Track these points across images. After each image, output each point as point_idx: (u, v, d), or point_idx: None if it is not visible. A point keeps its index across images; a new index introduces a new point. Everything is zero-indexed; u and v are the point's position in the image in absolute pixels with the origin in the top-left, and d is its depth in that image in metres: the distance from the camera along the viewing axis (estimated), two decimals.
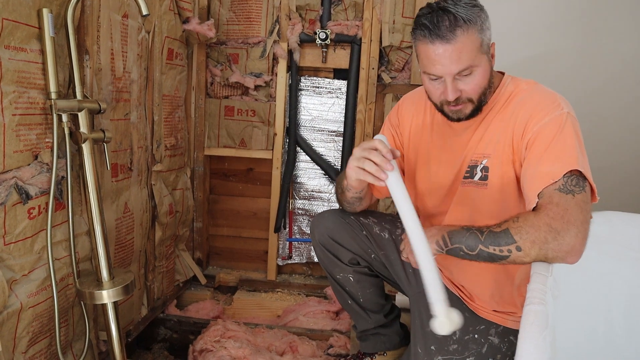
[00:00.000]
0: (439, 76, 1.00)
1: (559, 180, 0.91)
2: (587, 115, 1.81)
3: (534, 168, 0.95)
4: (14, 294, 1.02)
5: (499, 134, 1.05)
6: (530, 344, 0.69)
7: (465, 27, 0.96)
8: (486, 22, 1.00)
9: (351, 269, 1.35)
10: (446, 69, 0.98)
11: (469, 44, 0.96)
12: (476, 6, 0.99)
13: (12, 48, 0.98)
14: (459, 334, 1.13)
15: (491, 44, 1.04)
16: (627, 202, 1.81)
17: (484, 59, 1.00)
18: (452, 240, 0.96)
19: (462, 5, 0.97)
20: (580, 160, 0.93)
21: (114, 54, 1.35)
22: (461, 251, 0.96)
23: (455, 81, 1.00)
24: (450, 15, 0.96)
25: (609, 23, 1.81)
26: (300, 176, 2.12)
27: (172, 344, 1.76)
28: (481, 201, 1.08)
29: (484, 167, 1.07)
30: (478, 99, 1.03)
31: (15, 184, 1.02)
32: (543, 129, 0.97)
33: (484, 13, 1.00)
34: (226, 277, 2.13)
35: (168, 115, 1.75)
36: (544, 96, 1.03)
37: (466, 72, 0.98)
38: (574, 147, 0.94)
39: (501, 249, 0.91)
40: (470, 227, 0.96)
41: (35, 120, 1.07)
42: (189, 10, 1.79)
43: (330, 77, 2.05)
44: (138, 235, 1.56)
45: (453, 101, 1.02)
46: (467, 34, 0.96)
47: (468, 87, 1.00)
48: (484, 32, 0.99)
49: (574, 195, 0.90)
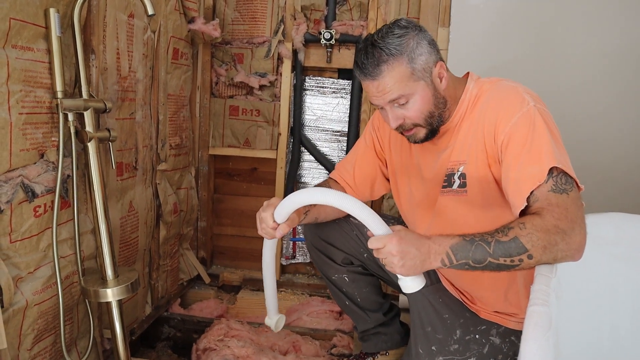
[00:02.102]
0: (379, 106, 1.05)
1: (549, 181, 0.90)
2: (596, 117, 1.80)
3: (516, 171, 0.94)
4: (19, 292, 1.03)
5: (470, 138, 1.05)
6: (534, 345, 0.69)
7: (390, 62, 0.99)
8: (418, 49, 1.01)
9: (345, 269, 1.36)
10: (381, 100, 1.03)
11: (396, 76, 0.99)
12: (404, 36, 1.00)
13: (19, 47, 0.99)
14: (460, 334, 1.13)
15: (435, 64, 1.03)
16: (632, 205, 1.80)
17: (419, 86, 1.01)
18: (457, 256, 0.89)
19: (391, 38, 1.00)
20: (558, 156, 0.92)
21: (119, 53, 1.36)
22: (467, 265, 0.89)
23: (394, 109, 1.04)
24: (376, 51, 1.00)
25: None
26: (305, 176, 2.12)
27: (176, 343, 1.76)
28: (462, 209, 1.07)
29: (462, 174, 1.06)
30: (426, 122, 1.05)
31: (21, 182, 1.02)
32: (515, 129, 0.96)
33: (414, 40, 1.01)
34: (230, 276, 2.13)
35: (173, 115, 1.76)
36: (507, 93, 1.02)
37: (402, 100, 1.02)
38: (549, 143, 0.93)
39: (512, 259, 0.86)
40: (472, 237, 0.89)
41: (42, 119, 1.07)
42: (194, 10, 1.80)
43: (335, 77, 2.05)
44: (142, 234, 1.56)
45: (398, 128, 1.06)
46: (392, 66, 0.99)
47: (409, 113, 1.04)
48: (414, 60, 1.00)
49: (568, 194, 0.89)
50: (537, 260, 0.86)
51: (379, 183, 1.31)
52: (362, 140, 1.33)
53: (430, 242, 0.90)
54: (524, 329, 0.72)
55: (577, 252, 0.87)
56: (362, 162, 1.30)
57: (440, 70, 1.04)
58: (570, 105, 1.78)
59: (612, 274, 1.21)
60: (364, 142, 1.32)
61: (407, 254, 0.88)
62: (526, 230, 0.86)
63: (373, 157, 1.30)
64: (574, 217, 0.87)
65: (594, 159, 1.79)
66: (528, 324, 0.72)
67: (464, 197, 1.07)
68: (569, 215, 0.87)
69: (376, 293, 1.42)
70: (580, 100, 1.80)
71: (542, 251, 0.85)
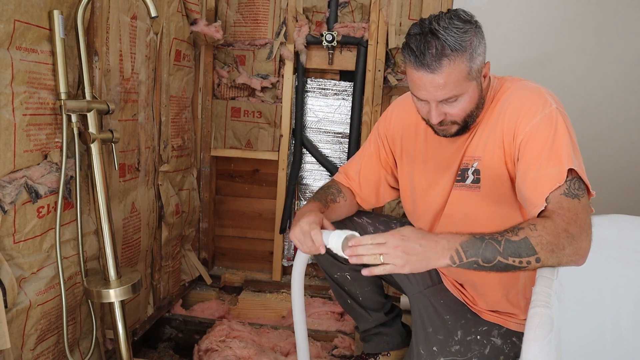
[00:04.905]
0: (424, 100, 1.00)
1: (563, 185, 0.90)
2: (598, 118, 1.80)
3: (536, 171, 0.93)
4: (22, 292, 1.04)
5: (488, 135, 1.05)
6: (536, 347, 0.69)
7: (452, 57, 0.93)
8: (478, 48, 0.96)
9: (348, 267, 1.36)
10: (430, 96, 0.98)
11: (455, 74, 0.94)
12: (468, 32, 0.94)
13: (23, 49, 1.00)
14: (462, 334, 1.13)
15: (484, 64, 1.00)
16: (634, 206, 1.80)
17: (471, 86, 0.98)
18: (467, 253, 0.86)
19: (454, 31, 0.93)
20: (575, 160, 0.92)
21: (122, 55, 1.37)
22: (475, 264, 0.87)
23: (440, 105, 0.99)
24: (438, 43, 0.93)
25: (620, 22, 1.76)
26: (306, 177, 2.12)
27: (178, 343, 1.76)
28: (475, 204, 1.07)
29: (476, 169, 1.06)
30: (463, 121, 1.03)
31: (25, 183, 1.03)
32: (536, 129, 0.96)
33: (477, 38, 0.96)
34: (231, 277, 2.14)
35: (175, 116, 1.77)
36: (530, 93, 1.01)
37: (451, 99, 0.98)
38: (569, 146, 0.93)
39: (520, 261, 0.85)
40: (482, 235, 0.88)
41: (45, 121, 1.08)
42: (196, 12, 1.80)
43: (337, 79, 2.06)
44: (145, 235, 1.57)
45: (438, 123, 1.02)
46: (454, 64, 0.93)
47: (453, 111, 1.00)
48: (473, 59, 0.96)
49: (580, 200, 0.89)
50: (543, 263, 0.86)
51: (384, 190, 1.31)
52: (367, 147, 1.31)
53: (437, 238, 0.88)
54: (525, 331, 0.72)
55: (582, 257, 0.87)
56: (367, 169, 1.29)
57: (487, 70, 1.02)
58: (572, 106, 1.77)
59: (613, 275, 1.21)
60: (369, 150, 1.30)
61: (411, 250, 0.87)
62: (537, 232, 0.85)
63: (377, 166, 1.29)
64: (583, 223, 0.87)
65: (595, 161, 1.79)
66: (530, 325, 0.72)
67: (476, 193, 1.06)
68: (579, 220, 0.87)
69: (378, 292, 1.42)
70: (582, 101, 1.80)
71: (549, 254, 0.85)
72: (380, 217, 1.38)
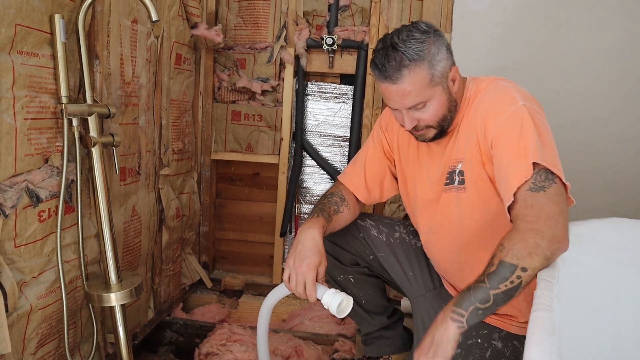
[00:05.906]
0: (396, 109, 1.06)
1: (530, 179, 0.91)
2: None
3: (506, 167, 0.95)
4: (23, 296, 1.04)
5: (466, 136, 1.08)
6: (538, 351, 0.69)
7: (411, 67, 0.99)
8: (438, 55, 1.01)
9: (351, 270, 1.36)
10: (398, 104, 1.04)
11: (417, 81, 1.00)
12: (426, 41, 1.00)
13: (24, 53, 1.00)
14: (462, 338, 1.12)
15: (451, 68, 1.05)
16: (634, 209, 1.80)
17: (437, 91, 1.03)
18: (463, 306, 0.86)
19: (412, 42, 1.00)
20: (541, 153, 0.92)
21: (123, 59, 1.37)
22: (479, 310, 0.86)
23: (411, 112, 1.05)
24: (397, 55, 0.99)
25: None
26: (307, 181, 2.12)
27: (178, 347, 1.76)
28: (464, 206, 1.10)
29: (460, 171, 1.09)
30: (438, 125, 1.07)
31: (26, 187, 1.03)
32: (503, 127, 0.98)
33: (435, 46, 1.01)
34: (232, 281, 2.13)
35: (176, 120, 1.77)
36: (498, 92, 1.05)
37: (419, 105, 1.03)
38: (535, 140, 0.94)
39: (512, 281, 0.85)
40: (467, 286, 0.88)
41: (46, 125, 1.08)
42: (197, 16, 1.81)
43: (337, 82, 2.06)
44: (145, 239, 1.57)
45: (412, 129, 1.08)
46: (414, 72, 0.99)
47: (424, 116, 1.05)
48: (434, 66, 1.01)
49: (545, 191, 0.90)
50: (532, 268, 0.86)
51: (388, 182, 1.32)
52: (370, 141, 1.33)
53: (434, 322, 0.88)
54: (527, 335, 0.72)
55: (562, 242, 0.87)
56: (372, 161, 1.31)
57: (455, 75, 1.06)
58: (571, 109, 1.79)
59: (614, 279, 1.21)
60: (372, 142, 1.33)
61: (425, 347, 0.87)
62: (506, 250, 0.86)
63: (382, 156, 1.31)
64: (550, 213, 0.88)
65: (595, 164, 1.79)
66: (532, 329, 0.72)
67: (464, 194, 1.09)
68: (543, 214, 0.87)
69: (381, 296, 1.42)
70: (581, 104, 1.80)
71: (529, 258, 0.85)
72: (384, 219, 1.38)
